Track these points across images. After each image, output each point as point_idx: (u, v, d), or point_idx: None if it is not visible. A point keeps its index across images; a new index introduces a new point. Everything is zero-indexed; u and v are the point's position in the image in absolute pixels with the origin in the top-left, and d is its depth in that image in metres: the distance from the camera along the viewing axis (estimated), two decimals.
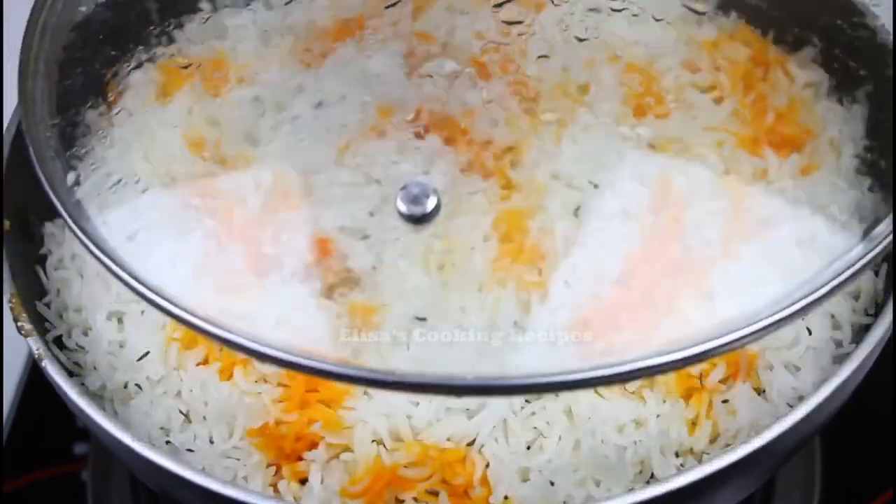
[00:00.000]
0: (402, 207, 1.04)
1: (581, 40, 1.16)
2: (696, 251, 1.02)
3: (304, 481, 0.95)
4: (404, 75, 1.13)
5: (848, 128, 1.10)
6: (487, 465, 0.93)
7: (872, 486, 1.21)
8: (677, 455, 0.93)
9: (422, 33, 1.16)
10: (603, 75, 1.11)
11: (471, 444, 0.93)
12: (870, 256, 0.91)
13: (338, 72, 1.16)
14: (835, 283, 0.85)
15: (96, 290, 1.07)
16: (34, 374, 1.29)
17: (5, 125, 1.14)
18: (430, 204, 1.04)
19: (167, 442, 0.97)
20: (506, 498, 0.92)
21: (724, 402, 0.95)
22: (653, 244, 1.00)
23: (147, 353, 1.03)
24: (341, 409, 0.95)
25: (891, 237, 0.92)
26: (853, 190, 1.06)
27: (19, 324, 1.00)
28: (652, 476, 0.93)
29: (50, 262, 1.11)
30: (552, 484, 0.92)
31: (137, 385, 1.01)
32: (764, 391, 0.97)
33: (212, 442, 0.98)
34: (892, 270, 1.02)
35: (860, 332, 0.99)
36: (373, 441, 0.93)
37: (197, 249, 1.06)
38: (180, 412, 0.99)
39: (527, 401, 0.94)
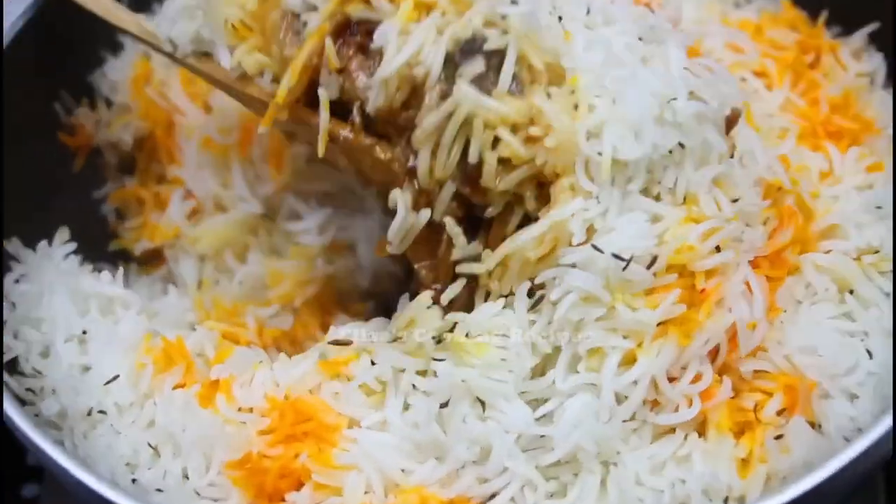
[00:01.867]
0: None
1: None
2: None
3: None
4: None
5: None
6: None
7: None
8: (726, 501, 0.81)
9: None
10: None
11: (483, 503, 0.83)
12: None
13: None
14: None
15: (60, 307, 0.95)
16: None
17: None
18: None
19: (133, 480, 0.86)
20: None
21: (778, 437, 0.83)
22: None
23: (116, 376, 0.91)
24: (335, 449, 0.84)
25: None
26: None
27: None
28: None
29: (10, 276, 0.99)
30: None
31: (102, 411, 0.90)
32: (820, 425, 0.85)
33: (186, 478, 0.86)
34: None
35: None
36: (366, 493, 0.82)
37: None
38: (149, 445, 0.87)
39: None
